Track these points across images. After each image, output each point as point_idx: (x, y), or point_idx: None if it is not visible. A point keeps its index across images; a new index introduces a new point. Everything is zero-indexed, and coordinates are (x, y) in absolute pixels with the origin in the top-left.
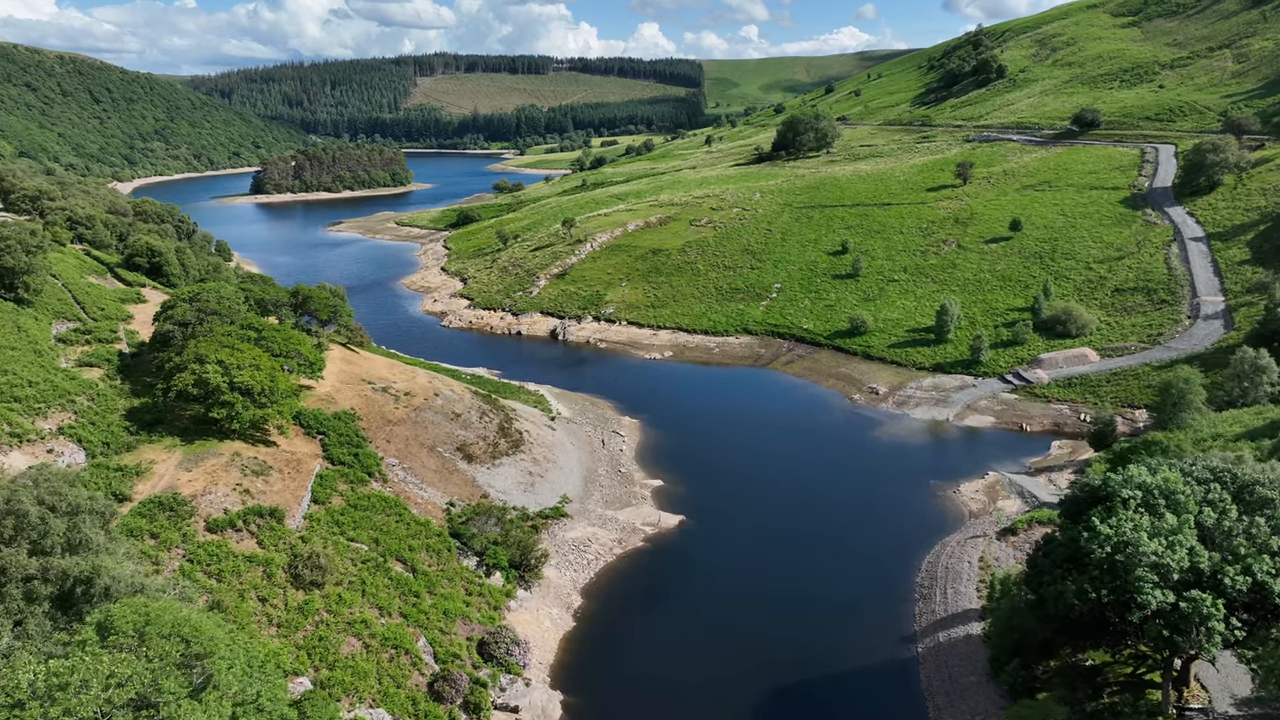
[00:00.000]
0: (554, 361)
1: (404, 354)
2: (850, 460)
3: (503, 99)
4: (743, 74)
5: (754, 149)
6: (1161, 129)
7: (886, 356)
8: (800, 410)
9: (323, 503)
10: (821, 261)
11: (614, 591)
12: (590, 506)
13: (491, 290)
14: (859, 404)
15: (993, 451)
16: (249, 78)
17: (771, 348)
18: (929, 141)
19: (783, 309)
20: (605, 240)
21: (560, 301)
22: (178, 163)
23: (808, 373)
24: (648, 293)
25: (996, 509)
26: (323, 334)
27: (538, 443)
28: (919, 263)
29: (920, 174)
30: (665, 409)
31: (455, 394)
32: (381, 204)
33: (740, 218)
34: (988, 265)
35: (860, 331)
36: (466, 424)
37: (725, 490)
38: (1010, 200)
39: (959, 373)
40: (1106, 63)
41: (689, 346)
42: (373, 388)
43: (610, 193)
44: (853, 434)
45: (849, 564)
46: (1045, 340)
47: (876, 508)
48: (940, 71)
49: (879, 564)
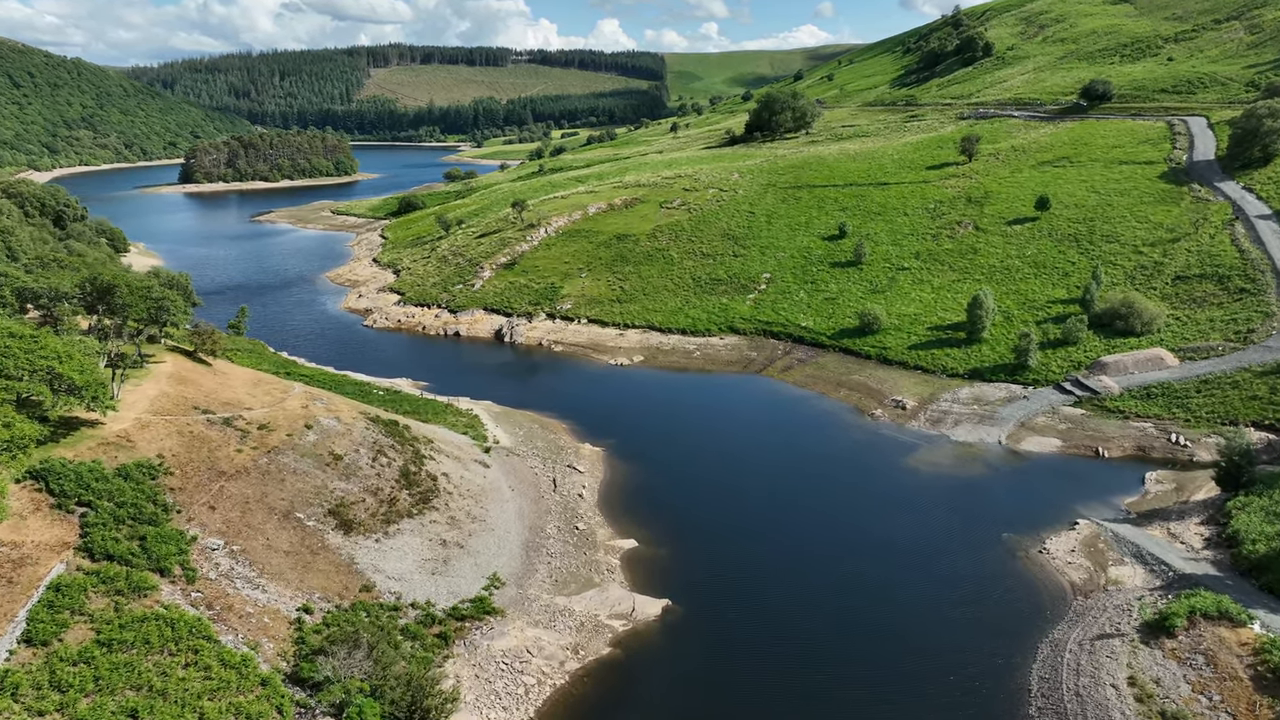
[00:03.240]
0: (497, 369)
1: (308, 363)
2: (884, 502)
3: (460, 91)
4: (705, 67)
5: (725, 132)
6: (1182, 101)
7: (908, 360)
8: (809, 431)
9: (44, 642)
10: (816, 247)
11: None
12: (533, 591)
13: (426, 283)
14: (882, 422)
15: (1068, 487)
16: (193, 68)
17: (764, 350)
18: (918, 120)
19: (775, 303)
20: (562, 225)
21: (508, 296)
22: (106, 152)
23: (812, 381)
24: (612, 285)
25: (1112, 581)
26: (129, 346)
27: (461, 491)
28: (931, 247)
29: (916, 152)
30: (636, 431)
31: (341, 424)
32: (323, 194)
33: (718, 199)
34: (1015, 249)
35: (872, 330)
36: (350, 471)
37: (723, 554)
38: (1028, 177)
39: (1002, 380)
40: (1103, 38)
41: (663, 349)
42: (207, 420)
43: (569, 176)
44: (880, 463)
45: (918, 687)
46: (1103, 339)
47: (937, 579)
48: (919, 54)
49: (964, 685)
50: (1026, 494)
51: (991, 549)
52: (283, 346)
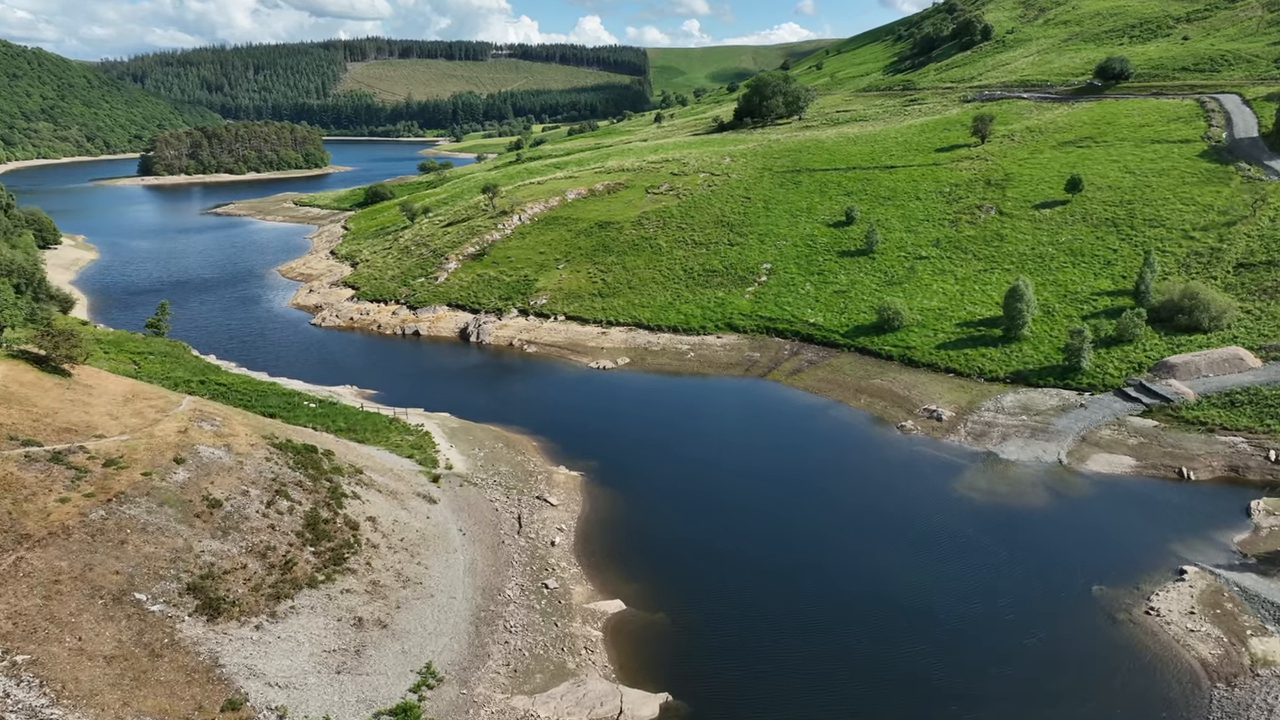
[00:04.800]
0: (460, 374)
1: (236, 369)
2: (935, 543)
3: (439, 86)
4: (688, 62)
5: (712, 119)
6: (1206, 79)
7: (937, 362)
8: (829, 448)
9: None
10: (821, 234)
11: None
12: (482, 690)
13: (385, 277)
14: (915, 436)
15: (1156, 520)
16: (165, 61)
17: (768, 350)
18: (918, 104)
19: (778, 296)
20: (538, 212)
21: (475, 290)
22: (66, 145)
23: (827, 386)
24: (593, 277)
25: (1260, 660)
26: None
27: (392, 542)
28: (951, 234)
29: (922, 134)
30: (621, 449)
31: (231, 455)
32: (291, 187)
33: (709, 184)
34: (1046, 236)
35: (893, 326)
36: (231, 523)
37: (736, 620)
38: (1050, 158)
39: (1052, 385)
40: (1108, 19)
41: (652, 349)
42: (25, 455)
43: (548, 163)
44: (922, 490)
45: None
46: (1164, 337)
47: (1021, 655)
48: (911, 40)
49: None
50: (1107, 530)
51: (1081, 608)
52: (212, 349)
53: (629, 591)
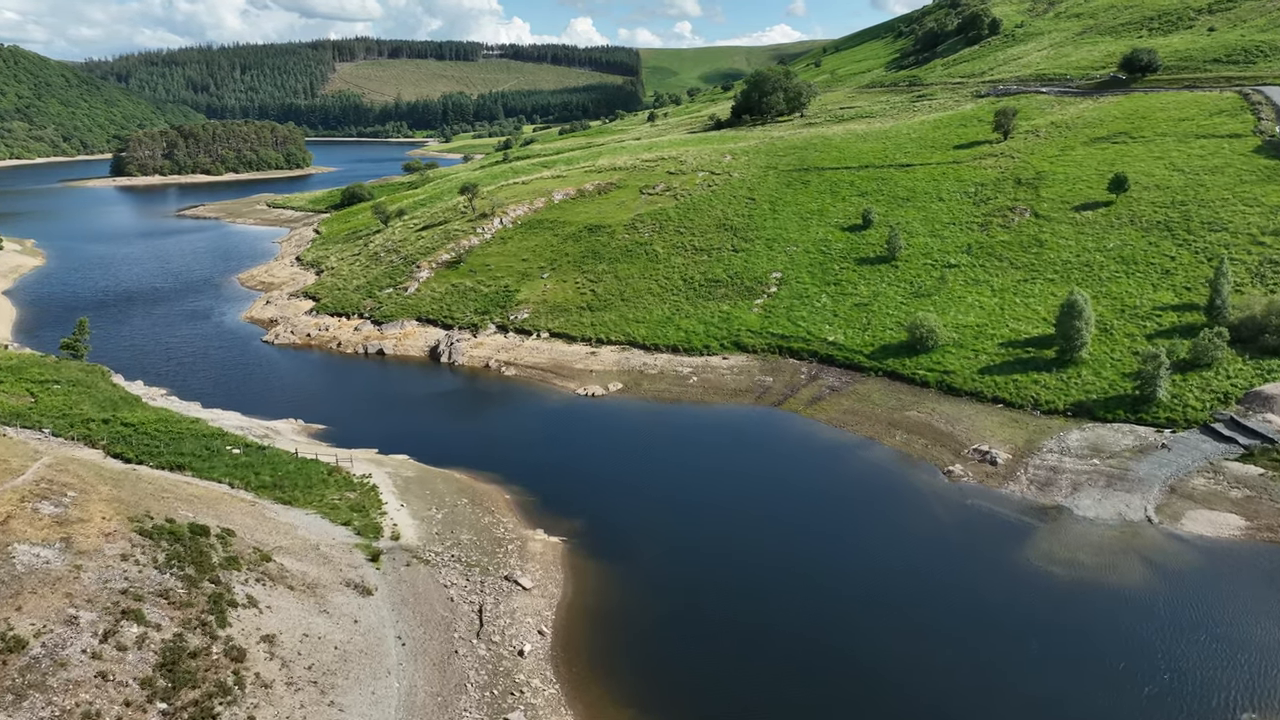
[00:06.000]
0: (426, 403)
1: (161, 397)
2: (1013, 635)
3: (429, 86)
4: (681, 62)
5: (709, 117)
6: (1241, 70)
7: (983, 389)
8: (864, 498)
9: None
10: (835, 239)
11: None
12: None
13: (349, 287)
14: (966, 484)
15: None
16: (149, 60)
17: (782, 373)
18: (927, 100)
19: (790, 310)
20: (521, 214)
21: (449, 302)
22: (41, 145)
23: (854, 420)
24: (582, 288)
25: None
26: None
27: (292, 674)
28: (982, 239)
29: (937, 130)
30: (612, 500)
31: (66, 556)
32: (270, 188)
33: (709, 183)
34: (1092, 241)
35: (926, 346)
36: (32, 679)
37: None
38: (1084, 155)
39: (1123, 419)
40: (1124, 11)
41: (648, 373)
42: None
43: (535, 162)
44: (984, 558)
45: None
46: (1251, 361)
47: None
48: (913, 36)
49: None
50: (1237, 621)
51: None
52: (142, 373)
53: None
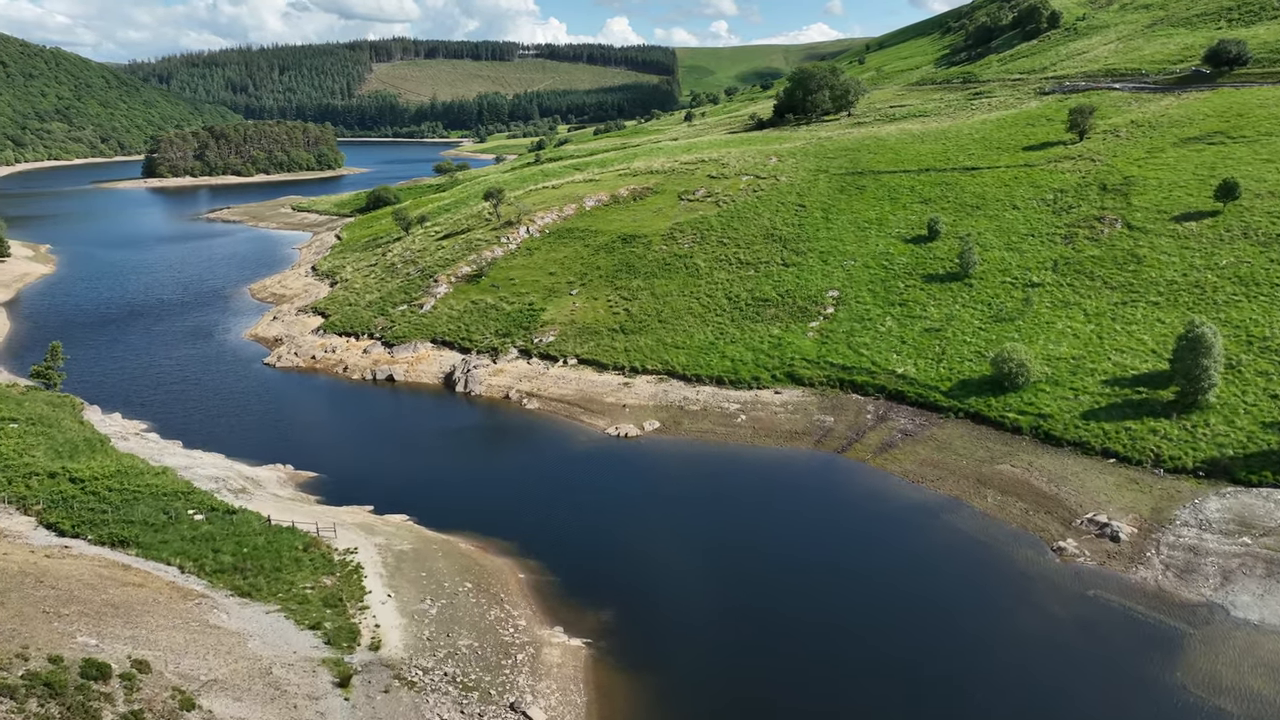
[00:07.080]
0: (437, 443)
1: (133, 437)
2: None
3: (464, 86)
4: (717, 62)
5: (749, 117)
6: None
7: (1088, 439)
8: (956, 581)
9: None
10: (898, 252)
11: None
12: None
13: (361, 303)
14: (1083, 566)
15: None
16: (190, 62)
17: (845, 412)
18: (985, 98)
19: (850, 335)
20: (549, 222)
21: (467, 322)
22: (79, 145)
23: (934, 473)
24: (614, 306)
25: None
26: None
27: None
28: (1068, 254)
29: (1001, 130)
30: (648, 581)
31: None
32: (299, 189)
33: (754, 188)
34: (1200, 258)
35: (1015, 384)
36: None
37: None
38: (1177, 158)
39: (1273, 483)
40: (1197, 2)
41: (689, 409)
42: None
43: (566, 164)
44: (1122, 679)
45: None
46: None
47: None
48: (963, 32)
49: None
50: None
51: None
52: (124, 403)
53: None
